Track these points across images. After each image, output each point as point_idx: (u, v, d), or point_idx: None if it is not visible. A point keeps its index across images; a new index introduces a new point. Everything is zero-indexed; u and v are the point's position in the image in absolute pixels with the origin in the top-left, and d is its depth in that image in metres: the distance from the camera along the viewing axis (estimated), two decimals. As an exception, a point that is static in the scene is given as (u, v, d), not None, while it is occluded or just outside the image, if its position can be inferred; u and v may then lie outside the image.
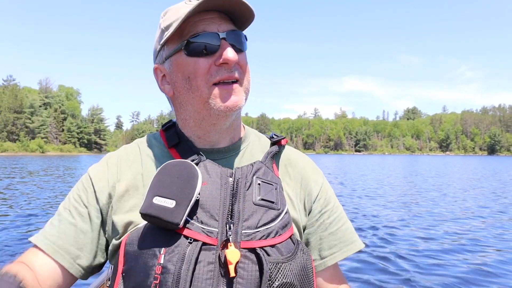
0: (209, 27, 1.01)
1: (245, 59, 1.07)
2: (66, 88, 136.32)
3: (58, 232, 1.05)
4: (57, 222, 1.07)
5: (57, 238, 1.04)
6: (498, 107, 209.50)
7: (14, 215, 10.12)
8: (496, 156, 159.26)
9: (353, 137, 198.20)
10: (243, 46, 1.07)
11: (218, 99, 1.01)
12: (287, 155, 1.20)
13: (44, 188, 16.78)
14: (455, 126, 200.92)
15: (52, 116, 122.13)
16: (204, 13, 1.02)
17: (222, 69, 1.01)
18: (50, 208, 11.21)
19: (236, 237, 0.93)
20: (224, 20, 1.04)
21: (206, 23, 1.02)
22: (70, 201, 1.09)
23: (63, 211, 1.08)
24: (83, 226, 1.05)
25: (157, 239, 0.91)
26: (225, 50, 1.00)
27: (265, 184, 1.02)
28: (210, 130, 1.09)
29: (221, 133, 1.10)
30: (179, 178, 0.94)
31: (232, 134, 1.13)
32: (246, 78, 1.07)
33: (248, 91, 1.08)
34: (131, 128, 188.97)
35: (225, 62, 1.00)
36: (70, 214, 1.07)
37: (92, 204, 1.06)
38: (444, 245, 7.44)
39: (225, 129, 1.10)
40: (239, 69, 1.04)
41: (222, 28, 1.02)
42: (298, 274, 0.94)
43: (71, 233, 1.05)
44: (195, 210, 0.94)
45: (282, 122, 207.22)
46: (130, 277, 0.91)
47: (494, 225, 9.63)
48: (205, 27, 1.01)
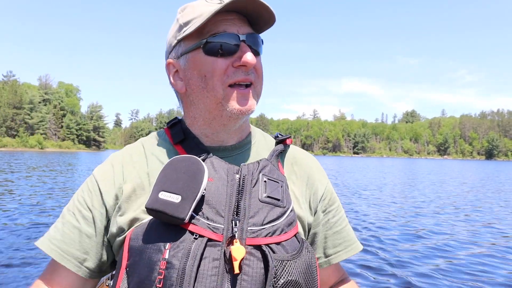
0: (230, 28, 1.02)
1: (261, 63, 1.08)
2: (66, 84, 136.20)
3: (62, 236, 1.05)
4: (61, 225, 1.07)
5: (62, 243, 1.04)
6: (496, 112, 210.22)
7: (20, 211, 10.21)
8: (494, 161, 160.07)
9: (351, 139, 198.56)
10: (260, 50, 1.07)
11: (232, 101, 1.02)
12: (293, 154, 1.21)
13: (47, 183, 16.95)
14: (454, 130, 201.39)
15: (51, 112, 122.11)
16: (224, 14, 1.02)
17: (239, 71, 1.01)
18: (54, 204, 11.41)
19: (241, 234, 0.93)
20: (243, 23, 1.05)
21: (227, 24, 1.02)
22: (74, 203, 1.09)
23: (67, 214, 1.08)
24: (88, 230, 1.05)
25: (162, 234, 0.91)
26: (244, 52, 1.00)
27: (271, 182, 1.03)
28: (219, 130, 1.09)
29: (230, 134, 1.10)
30: (186, 173, 0.93)
31: (240, 134, 1.14)
32: (260, 83, 1.08)
33: (260, 95, 1.09)
34: (130, 126, 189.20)
35: (243, 64, 1.00)
36: (74, 217, 1.06)
37: (97, 207, 1.06)
38: (437, 245, 7.60)
39: (234, 130, 1.10)
40: (255, 72, 1.05)
41: (242, 30, 1.03)
42: (303, 272, 0.95)
43: (76, 237, 1.05)
44: (201, 206, 0.94)
45: (281, 123, 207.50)
46: (134, 272, 0.91)
47: (490, 227, 9.84)
48: (226, 28, 1.01)
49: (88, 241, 1.05)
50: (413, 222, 10.23)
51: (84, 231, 1.05)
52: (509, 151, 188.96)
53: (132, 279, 0.92)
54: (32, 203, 11.48)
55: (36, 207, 10.96)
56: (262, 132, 1.27)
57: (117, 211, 1.04)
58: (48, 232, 1.09)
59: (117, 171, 1.09)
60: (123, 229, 1.01)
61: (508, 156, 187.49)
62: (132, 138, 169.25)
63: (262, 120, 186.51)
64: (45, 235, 1.09)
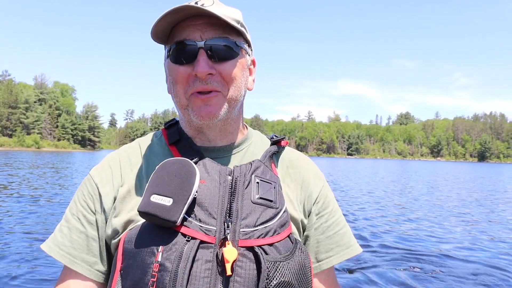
0: (191, 34, 1.00)
1: (231, 68, 1.03)
2: (61, 84, 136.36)
3: (70, 242, 1.06)
4: (67, 230, 1.07)
5: (71, 248, 1.05)
6: (489, 115, 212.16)
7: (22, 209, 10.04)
8: (486, 163, 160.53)
9: (345, 140, 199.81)
10: (228, 55, 1.03)
11: (195, 108, 1.02)
12: (289, 157, 1.20)
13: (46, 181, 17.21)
14: (447, 132, 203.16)
15: (46, 112, 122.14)
16: (193, 19, 1.01)
17: (197, 80, 1.00)
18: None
19: (234, 236, 0.93)
20: (212, 26, 1.01)
21: (190, 30, 1.01)
22: (77, 207, 1.09)
23: (71, 218, 1.08)
24: (93, 233, 1.06)
25: (155, 237, 0.91)
26: (197, 61, 0.99)
27: (264, 183, 1.02)
28: (199, 131, 1.09)
29: (215, 135, 1.10)
30: (177, 176, 0.93)
31: (231, 136, 1.13)
32: (233, 87, 1.04)
33: (234, 100, 1.06)
34: (125, 126, 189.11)
35: (195, 73, 0.99)
36: (79, 222, 1.07)
37: (98, 210, 1.06)
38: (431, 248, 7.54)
39: (218, 132, 1.10)
40: (220, 79, 1.02)
41: (206, 35, 1.00)
42: (296, 273, 0.94)
43: (83, 242, 1.06)
44: (194, 208, 0.94)
45: (276, 124, 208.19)
46: (128, 275, 0.92)
47: (483, 227, 9.93)
48: (188, 34, 1.01)
49: (95, 244, 1.06)
50: (404, 222, 10.24)
51: (90, 235, 1.06)
52: (501, 153, 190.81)
53: (126, 282, 0.92)
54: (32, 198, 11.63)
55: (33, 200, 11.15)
56: (260, 134, 1.25)
57: (113, 212, 1.04)
58: (54, 237, 1.09)
59: (115, 173, 1.09)
60: (118, 231, 1.01)
61: (500, 158, 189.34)
62: (127, 138, 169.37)
63: (256, 121, 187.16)
64: (51, 240, 1.09)
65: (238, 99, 1.07)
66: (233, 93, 1.05)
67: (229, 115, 1.06)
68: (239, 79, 1.06)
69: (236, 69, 1.05)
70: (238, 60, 1.06)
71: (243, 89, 1.09)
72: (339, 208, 1.22)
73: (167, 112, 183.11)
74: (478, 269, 6.21)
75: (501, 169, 70.20)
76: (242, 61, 1.07)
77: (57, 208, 10.21)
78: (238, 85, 1.06)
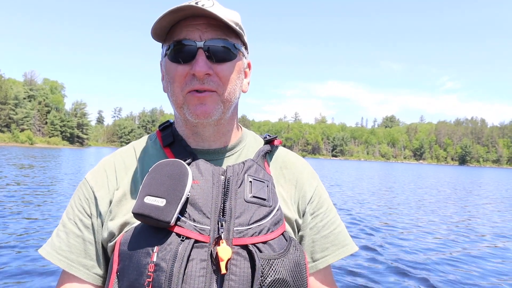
0: (191, 34, 1.02)
1: (228, 69, 1.05)
2: (51, 81, 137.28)
3: (68, 247, 1.07)
4: (64, 235, 1.08)
5: (68, 253, 1.07)
6: (470, 120, 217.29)
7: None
8: (466, 167, 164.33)
9: (330, 142, 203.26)
10: (226, 56, 1.04)
11: (190, 106, 1.03)
12: (283, 158, 1.21)
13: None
14: (430, 136, 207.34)
15: (36, 108, 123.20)
16: (194, 19, 1.02)
17: (195, 79, 1.01)
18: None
19: (228, 235, 0.93)
20: (212, 27, 1.02)
21: (190, 30, 1.02)
22: (73, 211, 1.10)
23: (68, 222, 1.09)
24: (90, 237, 1.07)
25: (150, 238, 0.92)
26: (196, 61, 1.00)
27: (257, 182, 1.03)
28: (194, 132, 1.10)
29: (209, 135, 1.11)
30: (170, 177, 0.95)
31: (224, 138, 1.14)
32: (228, 89, 1.05)
33: (229, 101, 1.06)
34: (113, 124, 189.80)
35: (193, 73, 1.00)
36: (76, 226, 1.08)
37: (94, 213, 1.07)
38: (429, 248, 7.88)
39: (212, 132, 1.10)
40: (217, 80, 1.03)
41: (206, 35, 1.02)
42: (290, 270, 0.95)
43: (81, 246, 1.07)
44: (187, 208, 0.95)
45: (262, 124, 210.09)
46: (124, 276, 0.93)
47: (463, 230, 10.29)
48: (187, 34, 1.02)
49: (92, 248, 1.07)
50: (409, 225, 10.46)
51: (87, 239, 1.07)
52: (481, 157, 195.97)
53: (122, 283, 0.93)
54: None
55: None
56: (255, 134, 1.27)
57: (109, 216, 1.05)
58: (52, 242, 1.10)
59: (110, 178, 1.10)
60: (114, 234, 1.02)
61: (479, 162, 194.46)
62: (114, 135, 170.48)
63: (243, 121, 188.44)
64: (49, 245, 1.11)
65: (233, 100, 1.08)
66: (228, 94, 1.05)
67: (223, 116, 1.07)
68: (235, 81, 1.07)
69: (233, 71, 1.06)
70: (236, 62, 1.07)
71: (238, 91, 1.10)
72: (333, 207, 1.23)
73: (154, 110, 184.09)
74: (469, 265, 6.65)
75: (481, 173, 72.67)
76: (239, 63, 1.08)
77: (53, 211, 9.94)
78: (233, 87, 1.07)
